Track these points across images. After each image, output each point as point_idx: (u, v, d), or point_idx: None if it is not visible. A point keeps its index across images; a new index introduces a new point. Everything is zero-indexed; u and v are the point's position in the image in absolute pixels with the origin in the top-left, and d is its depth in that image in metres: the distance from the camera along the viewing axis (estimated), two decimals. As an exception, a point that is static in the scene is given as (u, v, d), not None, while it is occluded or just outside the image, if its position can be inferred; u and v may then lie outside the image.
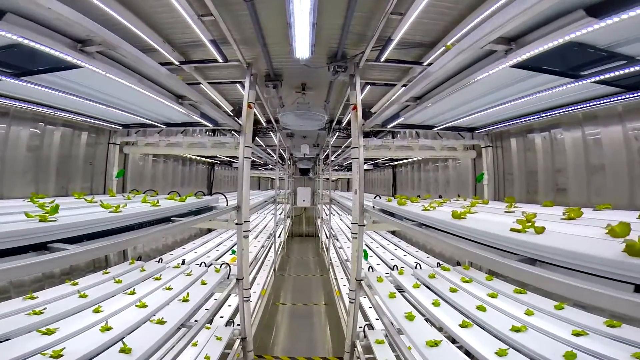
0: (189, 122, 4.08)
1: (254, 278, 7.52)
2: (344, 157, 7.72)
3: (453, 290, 3.55)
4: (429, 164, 6.45)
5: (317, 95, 6.27)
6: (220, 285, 4.09)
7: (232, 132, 4.14)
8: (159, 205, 2.63)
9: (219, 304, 4.10)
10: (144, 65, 2.12)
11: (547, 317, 2.83)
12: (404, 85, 5.29)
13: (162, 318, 2.81)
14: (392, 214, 3.44)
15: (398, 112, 3.46)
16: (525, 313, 2.88)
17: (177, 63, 4.72)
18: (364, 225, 3.77)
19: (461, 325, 2.77)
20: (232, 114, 4.20)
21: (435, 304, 3.26)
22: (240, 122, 4.04)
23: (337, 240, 8.65)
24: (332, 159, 9.00)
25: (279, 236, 12.32)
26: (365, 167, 13.27)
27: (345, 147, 11.39)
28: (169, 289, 3.51)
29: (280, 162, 13.06)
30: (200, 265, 4.46)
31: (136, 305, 3.02)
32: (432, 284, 3.83)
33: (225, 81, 5.53)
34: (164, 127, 4.19)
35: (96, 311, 2.83)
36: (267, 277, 8.09)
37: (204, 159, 7.67)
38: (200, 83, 5.37)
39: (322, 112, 5.54)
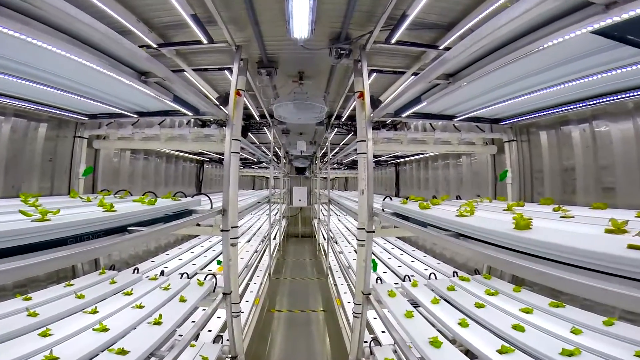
0: (166, 111, 3.47)
1: (247, 285, 6.93)
2: (344, 154, 7.14)
3: (479, 306, 3.01)
4: (437, 160, 5.88)
5: (315, 85, 5.68)
6: (204, 300, 3.50)
7: (218, 123, 3.53)
8: (114, 210, 2.03)
9: (206, 317, 3.53)
10: (94, 32, 1.53)
11: (599, 335, 2.35)
12: (415, 74, 4.72)
13: (124, 348, 2.23)
14: (406, 218, 2.88)
15: (419, 96, 2.87)
16: (571, 332, 2.41)
17: (155, 46, 4.11)
18: (373, 232, 3.20)
19: (500, 351, 2.24)
20: (217, 103, 3.57)
21: (463, 324, 2.71)
22: (227, 112, 3.44)
23: (336, 243, 8.08)
24: (331, 156, 8.40)
25: (274, 238, 11.72)
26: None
27: (343, 144, 10.83)
28: (140, 307, 2.92)
29: (276, 160, 12.46)
30: (181, 277, 3.87)
31: (94, 329, 2.44)
32: (453, 298, 3.28)
33: (212, 67, 4.91)
34: (136, 116, 3.58)
35: (44, 334, 2.28)
36: (262, 284, 7.50)
37: (191, 156, 7.04)
38: (183, 70, 4.76)
39: (322, 103, 4.96)
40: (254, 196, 7.83)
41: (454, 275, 4.11)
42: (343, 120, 7.62)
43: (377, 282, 3.92)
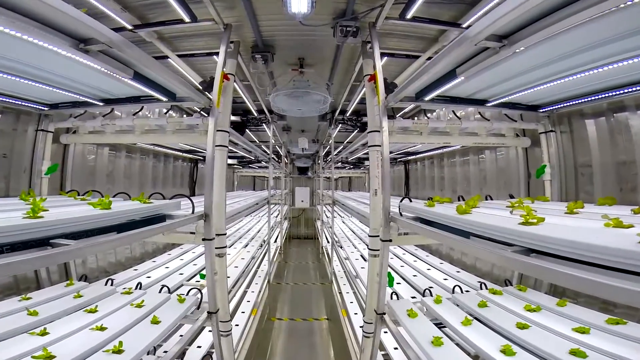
0: (137, 97, 2.90)
1: (244, 293, 6.36)
2: (349, 150, 6.54)
3: (523, 327, 2.46)
4: (455, 157, 5.27)
5: (318, 73, 5.10)
6: (186, 319, 2.95)
7: (204, 112, 2.96)
8: (40, 217, 1.46)
9: (192, 334, 2.99)
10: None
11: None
12: (429, 59, 4.14)
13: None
14: (432, 224, 2.30)
15: (450, 72, 2.27)
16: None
17: (129, 27, 3.56)
18: (390, 241, 2.61)
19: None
20: (201, 88, 3.01)
21: (508, 352, 2.17)
22: (211, 97, 2.88)
23: (341, 248, 7.50)
24: (334, 154, 7.82)
25: (275, 241, 11.15)
26: (363, 163, 12.10)
27: (347, 142, 10.25)
28: (100, 329, 2.37)
29: (276, 159, 11.89)
30: (160, 291, 3.31)
31: (34, 357, 1.90)
32: (487, 317, 2.72)
33: (199, 52, 4.36)
34: (101, 104, 3.00)
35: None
36: (260, 291, 6.92)
37: (183, 154, 6.47)
38: (166, 57, 4.21)
39: (325, 93, 4.38)
40: (252, 197, 7.26)
41: (481, 288, 3.53)
42: (348, 115, 7.04)
43: (391, 297, 3.34)
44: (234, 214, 3.88)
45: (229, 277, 4.82)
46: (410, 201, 2.76)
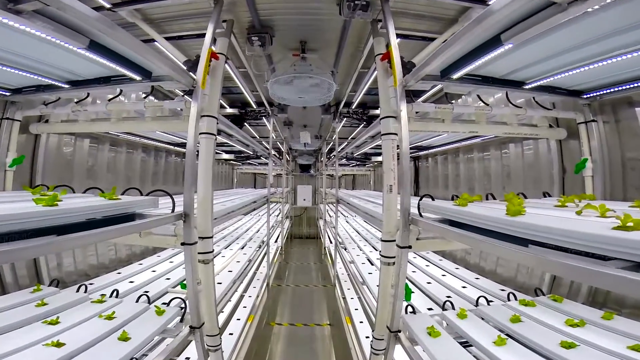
0: (107, 77, 2.45)
1: (241, 298, 5.93)
2: (355, 144, 6.09)
3: (569, 346, 2.06)
4: (472, 152, 4.80)
5: (321, 59, 4.64)
6: (165, 333, 2.53)
7: (186, 95, 2.50)
8: None
9: (177, 348, 2.58)
10: None
11: None
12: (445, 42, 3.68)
13: None
14: (458, 226, 1.86)
15: (497, 35, 1.80)
16: None
17: (108, 6, 3.13)
18: (409, 247, 2.17)
19: None
20: (185, 68, 2.56)
21: None
22: (195, 77, 2.44)
23: (345, 249, 7.05)
24: (339, 150, 7.37)
25: (276, 241, 10.72)
26: (367, 160, 11.58)
27: (352, 138, 9.78)
28: (57, 345, 1.97)
29: (277, 156, 11.46)
30: (138, 300, 2.89)
31: None
32: (523, 334, 2.29)
33: (189, 34, 3.91)
34: (67, 86, 2.56)
35: None
36: (258, 296, 6.48)
37: (176, 147, 6.01)
38: (153, 40, 3.77)
39: (329, 78, 3.93)
40: (250, 195, 6.81)
41: (509, 298, 3.08)
42: (353, 107, 6.57)
43: (406, 310, 2.89)
44: (226, 213, 3.43)
45: (220, 283, 4.40)
46: (432, 199, 2.31)
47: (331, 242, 10.28)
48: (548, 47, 1.93)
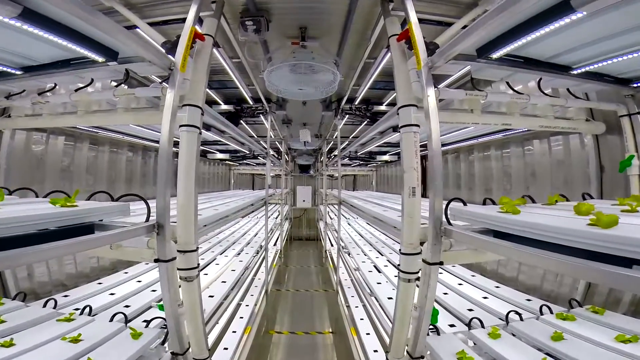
0: (67, 60, 2.03)
1: (237, 307, 5.50)
2: (359, 142, 5.67)
3: None
4: (489, 149, 4.38)
5: (323, 48, 4.22)
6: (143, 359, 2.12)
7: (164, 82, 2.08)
8: None
9: None
10: None
11: None
12: (464, 27, 3.28)
13: None
14: (503, 237, 1.45)
15: (550, 9, 1.40)
16: None
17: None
18: (440, 263, 1.76)
19: None
20: (163, 51, 2.14)
21: None
22: (174, 60, 2.03)
23: (349, 254, 6.63)
24: (341, 148, 6.94)
25: (275, 244, 10.29)
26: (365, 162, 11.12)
27: (353, 137, 9.37)
28: None
29: (276, 156, 11.04)
30: (112, 319, 2.49)
31: None
32: (569, 354, 1.94)
33: (174, 18, 3.49)
34: (20, 72, 2.13)
35: None
36: (256, 304, 6.05)
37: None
38: (135, 26, 3.35)
39: (333, 67, 3.52)
40: (247, 197, 6.39)
41: (542, 312, 2.69)
42: (356, 103, 6.16)
43: (430, 332, 2.48)
44: (218, 219, 3.01)
45: (212, 296, 3.98)
46: (464, 204, 1.90)
47: (332, 245, 9.86)
48: (616, 22, 1.53)
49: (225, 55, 4.19)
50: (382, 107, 6.09)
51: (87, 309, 2.71)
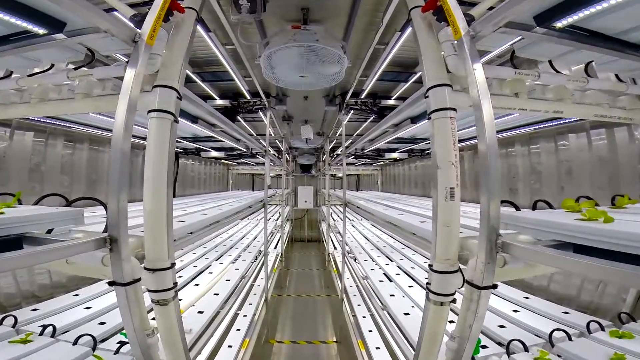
0: (5, 37, 1.59)
1: (235, 316, 5.06)
2: (367, 139, 5.22)
3: None
4: (513, 145, 3.92)
5: (328, 32, 3.79)
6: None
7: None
8: None
9: None
10: None
11: None
12: (491, 8, 2.83)
13: None
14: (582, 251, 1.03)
15: None
16: None
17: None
18: (494, 287, 1.33)
19: None
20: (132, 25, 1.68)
21: None
22: (140, 31, 1.60)
23: (355, 260, 6.18)
24: (346, 145, 6.49)
25: (276, 247, 9.85)
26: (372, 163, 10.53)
27: (357, 135, 8.92)
28: None
29: (276, 155, 10.60)
30: (76, 342, 2.08)
31: None
32: None
33: None
34: None
35: None
36: (255, 313, 5.60)
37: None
38: (113, 9, 2.91)
39: (339, 50, 3.07)
40: (244, 199, 5.95)
41: (589, 329, 2.26)
42: (362, 97, 5.72)
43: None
44: (202, 227, 2.57)
45: (202, 312, 3.53)
46: (517, 209, 1.46)
47: (335, 248, 9.42)
48: None
49: (217, 41, 3.76)
50: (391, 102, 5.64)
51: (50, 330, 2.29)
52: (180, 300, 3.64)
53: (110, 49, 1.78)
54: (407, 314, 3.35)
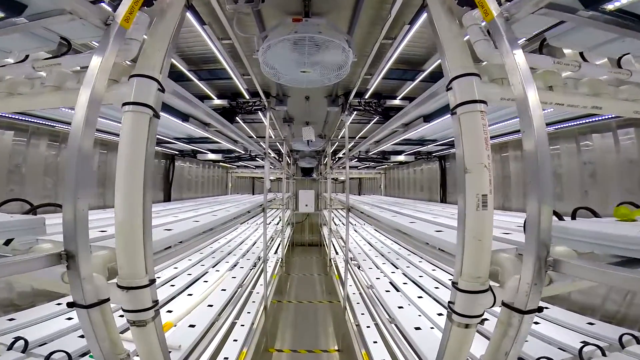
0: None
1: (230, 328, 4.80)
2: (373, 140, 4.98)
3: None
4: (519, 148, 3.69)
5: (331, 27, 3.57)
6: None
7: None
8: None
9: None
10: None
11: None
12: None
13: None
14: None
15: None
16: None
17: None
18: (539, 310, 1.09)
19: None
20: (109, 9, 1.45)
21: None
22: (114, 13, 1.37)
23: (359, 268, 5.92)
24: (349, 147, 6.25)
25: (276, 252, 9.59)
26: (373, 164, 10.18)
27: (360, 137, 8.67)
28: None
29: (277, 158, 10.37)
30: (48, 358, 1.85)
31: None
32: None
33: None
34: None
35: None
36: (253, 323, 5.33)
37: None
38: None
39: (344, 42, 2.84)
40: (242, 204, 5.71)
41: (622, 343, 2.02)
42: (366, 97, 5.48)
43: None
44: (192, 237, 2.31)
45: (193, 325, 3.27)
46: (560, 218, 1.22)
47: (337, 253, 9.16)
48: None
49: (212, 35, 3.53)
50: (396, 102, 5.40)
51: (21, 344, 2.05)
52: (170, 312, 3.39)
53: (84, 36, 1.55)
54: (418, 328, 3.09)
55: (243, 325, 4.94)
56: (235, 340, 4.53)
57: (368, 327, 4.92)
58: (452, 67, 1.47)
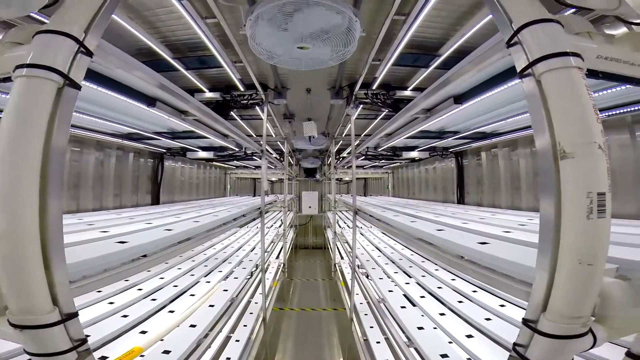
0: None
1: (223, 344, 4.30)
2: (384, 133, 4.46)
3: None
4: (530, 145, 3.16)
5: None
6: None
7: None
8: None
9: None
10: None
11: None
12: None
13: None
14: None
15: None
16: None
17: None
18: None
19: None
20: None
21: None
22: None
23: (368, 277, 5.40)
24: (356, 144, 5.72)
25: (277, 257, 9.09)
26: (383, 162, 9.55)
27: (365, 135, 8.15)
28: None
29: (278, 158, 9.88)
30: None
31: None
32: None
33: None
34: None
35: None
36: (250, 338, 4.82)
37: (132, 143, 4.40)
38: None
39: (349, 11, 2.32)
40: (237, 206, 5.21)
41: None
42: (374, 88, 4.96)
43: None
44: (159, 250, 1.81)
45: (168, 352, 2.77)
46: None
47: (342, 258, 8.64)
48: None
49: (194, 12, 3.03)
50: (407, 92, 4.88)
51: None
52: (143, 333, 2.89)
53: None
54: (445, 356, 2.55)
55: (238, 341, 4.45)
56: (228, 359, 4.03)
57: (378, 342, 4.39)
58: (518, 12, 0.95)
